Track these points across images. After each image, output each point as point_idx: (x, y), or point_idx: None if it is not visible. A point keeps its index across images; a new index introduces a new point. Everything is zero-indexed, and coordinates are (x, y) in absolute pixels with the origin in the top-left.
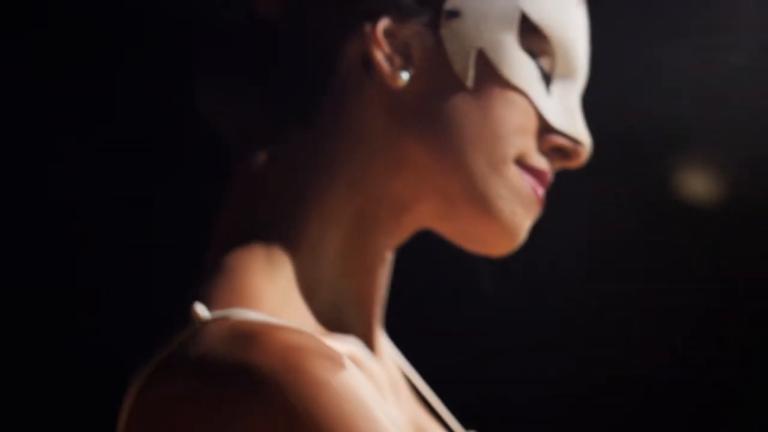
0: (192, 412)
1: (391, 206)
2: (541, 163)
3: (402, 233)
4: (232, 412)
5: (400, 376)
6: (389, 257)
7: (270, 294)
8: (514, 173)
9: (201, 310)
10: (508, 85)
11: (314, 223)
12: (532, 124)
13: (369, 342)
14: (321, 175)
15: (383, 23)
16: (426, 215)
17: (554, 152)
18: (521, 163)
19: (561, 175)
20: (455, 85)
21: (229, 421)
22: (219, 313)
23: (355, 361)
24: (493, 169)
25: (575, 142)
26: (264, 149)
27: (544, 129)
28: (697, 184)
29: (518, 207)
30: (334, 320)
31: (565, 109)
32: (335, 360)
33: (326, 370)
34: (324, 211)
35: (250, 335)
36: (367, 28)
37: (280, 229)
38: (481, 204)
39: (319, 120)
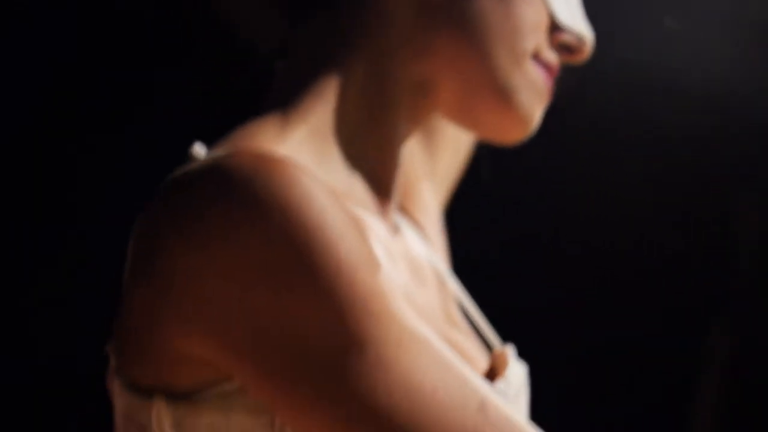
0: (166, 227)
1: (409, 89)
2: (551, 57)
3: (417, 117)
4: (201, 215)
5: (430, 268)
6: (404, 141)
7: (277, 149)
8: (531, 67)
9: (198, 149)
10: None
11: (330, 98)
12: (545, 22)
13: (383, 220)
14: (342, 54)
15: None
16: (444, 101)
17: (561, 48)
18: (535, 57)
19: None
20: None
21: (198, 222)
22: (214, 150)
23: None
24: (514, 62)
25: (580, 38)
26: (290, 36)
27: (554, 26)
28: None
29: (534, 98)
30: (343, 191)
31: (569, 8)
32: (323, 183)
33: (307, 179)
34: (341, 89)
35: (231, 150)
36: None
37: (297, 100)
38: (502, 94)
39: (344, 3)
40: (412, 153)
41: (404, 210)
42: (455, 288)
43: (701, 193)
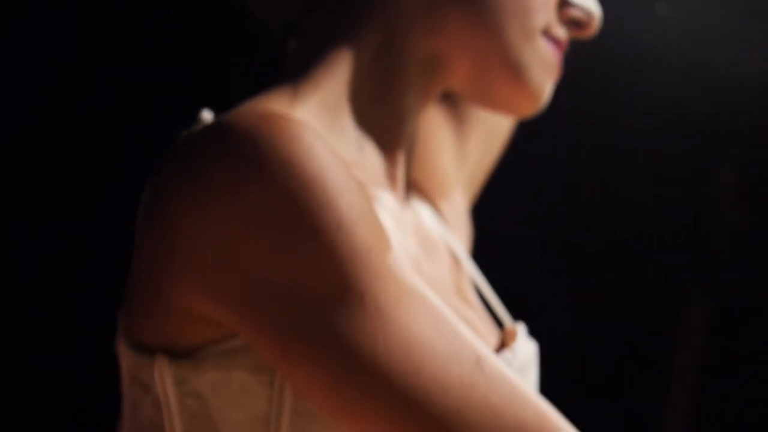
0: (171, 184)
1: (421, 63)
2: (561, 33)
3: (428, 91)
4: (205, 172)
5: (444, 245)
6: (415, 114)
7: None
8: (542, 43)
9: (206, 114)
10: None
11: (341, 71)
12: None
13: (392, 191)
14: (354, 30)
15: None
16: (456, 77)
17: (570, 23)
18: (545, 33)
19: None
20: None
21: (200, 175)
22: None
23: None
24: (525, 38)
25: (588, 13)
26: (303, 15)
27: (562, 2)
28: None
29: (545, 73)
30: (352, 162)
31: None
32: (326, 142)
33: (310, 135)
34: (353, 62)
35: (236, 110)
36: None
37: (308, 73)
38: (515, 69)
39: None
40: (445, 157)
41: (427, 196)
42: (470, 268)
43: (679, 167)
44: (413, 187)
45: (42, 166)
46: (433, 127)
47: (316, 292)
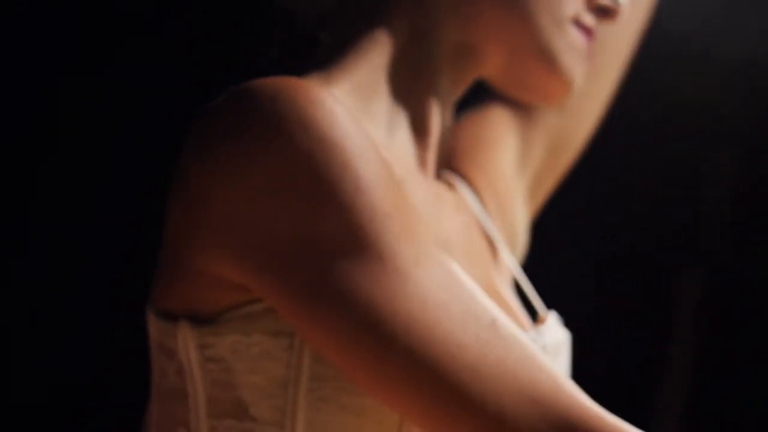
0: (196, 150)
1: (454, 51)
2: (589, 21)
3: (460, 79)
4: (226, 135)
5: (481, 230)
6: (447, 101)
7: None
8: (572, 30)
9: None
10: None
11: (374, 57)
12: None
13: (421, 173)
14: (387, 18)
15: None
16: (488, 65)
17: (597, 11)
18: (575, 21)
19: None
20: None
21: (219, 142)
22: None
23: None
24: (556, 26)
25: (615, 2)
26: (335, 7)
27: None
28: None
29: (575, 60)
30: (383, 144)
31: None
32: (348, 109)
33: (331, 100)
34: (386, 49)
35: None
36: None
37: (341, 59)
38: (546, 56)
39: None
40: (507, 163)
41: (478, 192)
42: (508, 257)
43: (674, 144)
44: (465, 179)
45: (42, 167)
46: (500, 131)
47: (335, 251)
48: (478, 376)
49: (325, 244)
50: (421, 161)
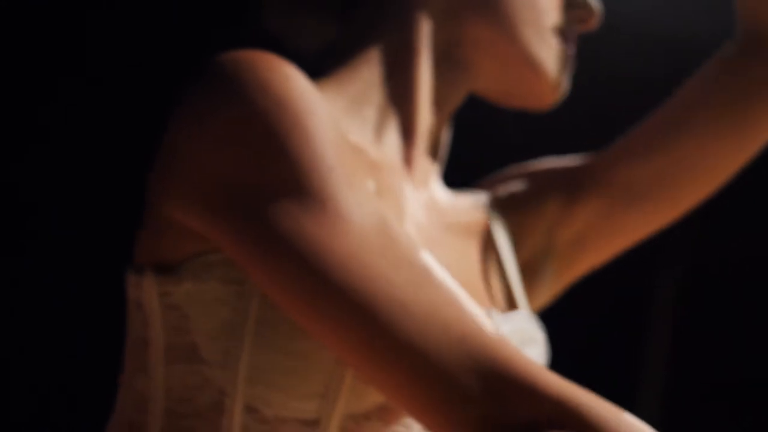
0: (172, 116)
1: (444, 66)
2: (570, 30)
3: (452, 90)
4: (194, 97)
5: (463, 226)
6: (438, 110)
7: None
8: (555, 40)
9: None
10: None
11: (364, 71)
12: (558, 1)
13: (405, 171)
14: (380, 35)
15: None
16: (479, 77)
17: (576, 20)
18: (557, 31)
19: None
20: None
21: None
22: None
23: (368, 160)
24: (540, 38)
25: (589, 10)
26: (336, 37)
27: (567, 3)
28: None
29: (560, 66)
30: (369, 140)
31: None
32: (315, 92)
33: (292, 70)
34: (377, 64)
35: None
36: None
37: (336, 73)
38: (534, 66)
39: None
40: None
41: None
42: (503, 253)
43: None
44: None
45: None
46: (546, 185)
47: (281, 197)
48: (407, 315)
49: (272, 192)
50: (407, 160)
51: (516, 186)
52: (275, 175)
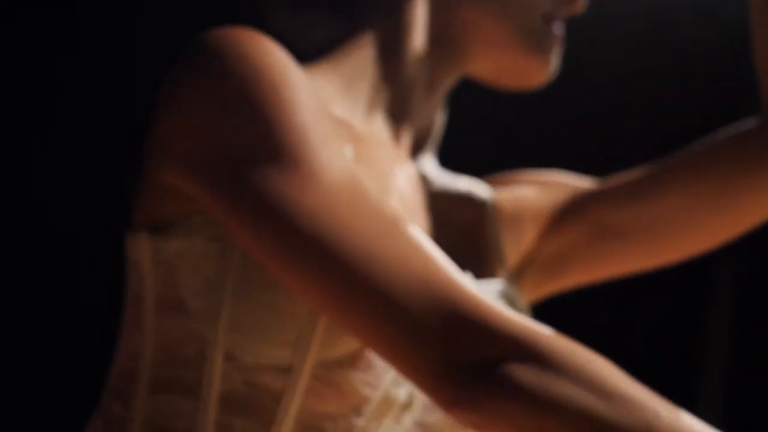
0: (166, 97)
1: (435, 49)
2: (557, 11)
3: (444, 71)
4: (180, 69)
5: (446, 201)
6: (429, 91)
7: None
8: (543, 20)
9: None
10: None
11: (357, 54)
12: None
13: (393, 147)
14: (373, 19)
15: None
16: (471, 60)
17: (562, 2)
18: (546, 13)
19: None
20: None
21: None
22: None
23: (353, 132)
24: (528, 19)
25: None
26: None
27: None
28: None
29: (550, 46)
30: (361, 117)
31: None
32: (293, 66)
33: (274, 46)
34: (369, 46)
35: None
36: None
37: (331, 55)
38: (525, 47)
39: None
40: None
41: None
42: (486, 219)
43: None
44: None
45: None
46: (545, 196)
47: (257, 158)
48: (372, 262)
49: (248, 154)
50: (396, 136)
51: (519, 189)
52: (251, 138)
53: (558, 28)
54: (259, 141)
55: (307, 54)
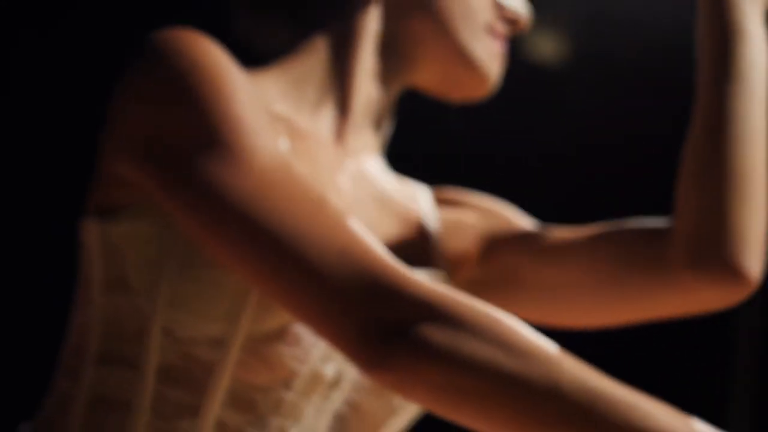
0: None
1: (383, 57)
2: (501, 28)
3: (392, 77)
4: (130, 69)
5: (392, 201)
6: (381, 94)
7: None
8: (487, 37)
9: None
10: None
11: (306, 58)
12: (490, 2)
13: (336, 145)
14: (322, 31)
15: None
16: (420, 73)
17: (507, 21)
18: (489, 29)
19: None
20: None
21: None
22: None
23: (293, 127)
24: (473, 35)
25: (517, 14)
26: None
27: (497, 5)
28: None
29: (492, 60)
30: (307, 113)
31: None
32: (234, 67)
33: (213, 44)
34: (319, 51)
35: None
36: None
37: (283, 60)
38: (468, 60)
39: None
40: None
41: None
42: (426, 219)
43: None
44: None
45: None
46: (482, 223)
47: (195, 145)
48: (298, 235)
49: (187, 141)
50: (338, 135)
51: (461, 208)
52: (189, 128)
53: (500, 45)
54: (197, 130)
55: (263, 56)
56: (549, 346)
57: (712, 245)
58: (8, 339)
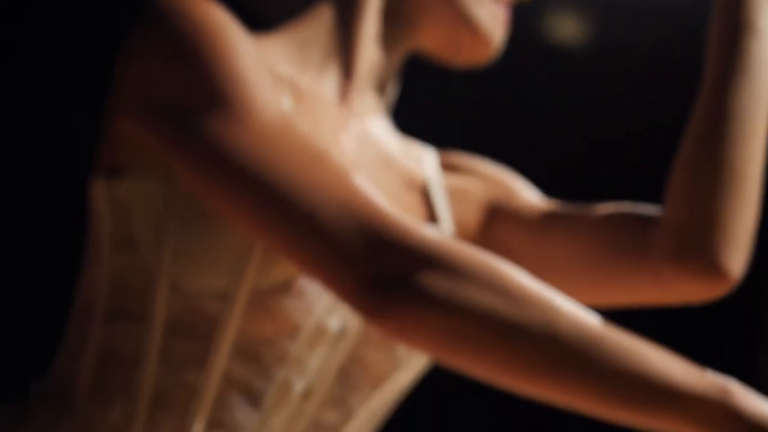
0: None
1: (387, 21)
2: None
3: (396, 41)
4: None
5: (394, 161)
6: (385, 57)
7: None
8: (490, 2)
9: None
10: None
11: (311, 22)
12: None
13: (340, 106)
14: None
15: None
16: (425, 38)
17: None
18: None
19: None
20: None
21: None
22: None
23: (297, 88)
24: (476, 2)
25: None
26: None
27: None
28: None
29: (495, 24)
30: (313, 74)
31: None
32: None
33: (219, 8)
34: (324, 16)
35: None
36: None
37: (289, 24)
38: (472, 25)
39: None
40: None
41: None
42: (429, 181)
43: None
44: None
45: None
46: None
47: (197, 102)
48: (300, 187)
49: (191, 99)
50: (343, 96)
51: (468, 172)
52: (193, 86)
53: (504, 12)
54: (200, 87)
55: (269, 22)
56: (548, 293)
57: (698, 239)
58: (22, 297)
